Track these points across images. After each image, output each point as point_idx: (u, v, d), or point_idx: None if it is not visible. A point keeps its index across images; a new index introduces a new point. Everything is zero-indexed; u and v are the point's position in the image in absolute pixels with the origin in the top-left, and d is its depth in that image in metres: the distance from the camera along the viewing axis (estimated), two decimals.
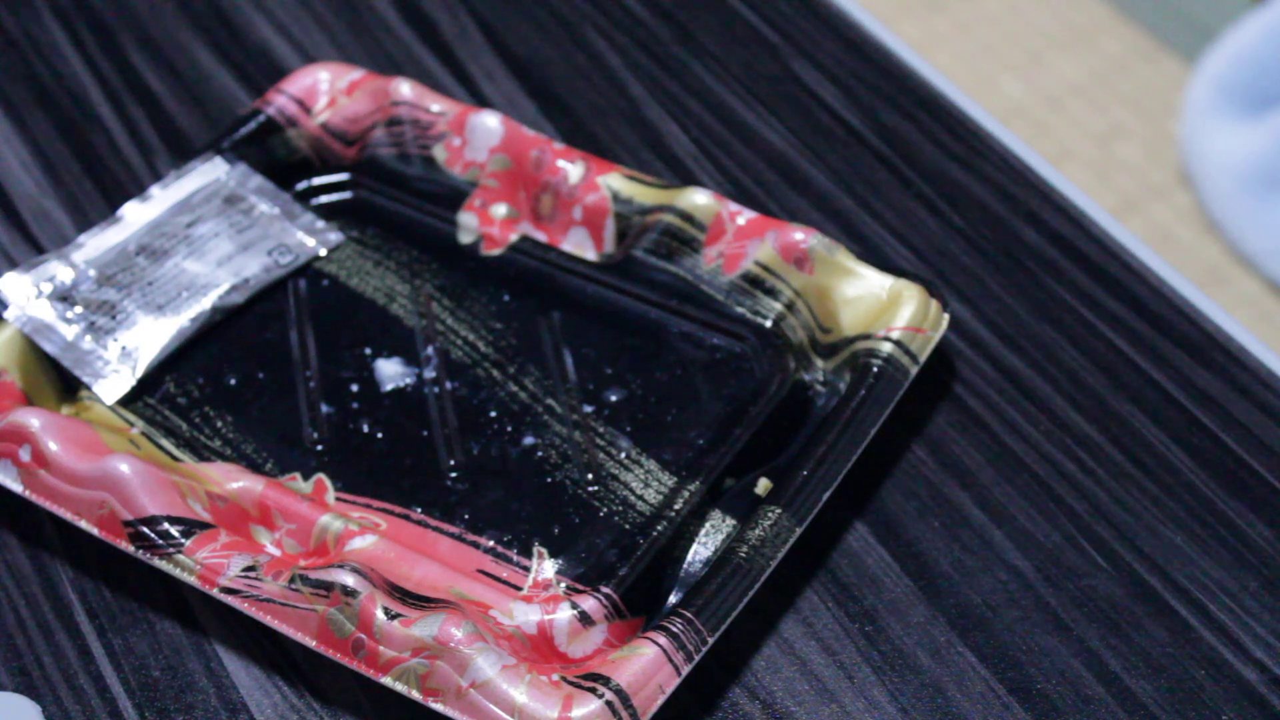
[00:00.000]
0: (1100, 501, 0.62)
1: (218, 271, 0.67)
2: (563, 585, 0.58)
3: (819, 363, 0.64)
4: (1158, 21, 1.75)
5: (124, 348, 0.65)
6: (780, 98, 0.78)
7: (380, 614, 0.54)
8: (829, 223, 0.72)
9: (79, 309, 0.65)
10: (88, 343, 0.65)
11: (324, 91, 0.72)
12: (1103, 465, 0.64)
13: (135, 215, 0.68)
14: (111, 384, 0.64)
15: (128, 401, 0.64)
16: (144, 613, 0.60)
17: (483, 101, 0.78)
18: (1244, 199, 1.54)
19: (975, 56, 1.74)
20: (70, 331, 0.64)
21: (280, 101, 0.71)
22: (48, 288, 0.65)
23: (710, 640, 0.55)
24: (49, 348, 0.64)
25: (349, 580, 0.55)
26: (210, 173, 0.70)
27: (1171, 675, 0.58)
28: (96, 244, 0.67)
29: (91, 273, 0.66)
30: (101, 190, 0.74)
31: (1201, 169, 1.58)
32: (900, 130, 0.76)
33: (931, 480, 0.63)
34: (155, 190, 0.69)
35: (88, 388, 0.64)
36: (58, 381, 0.64)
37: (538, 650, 0.56)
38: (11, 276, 0.65)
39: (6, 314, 0.64)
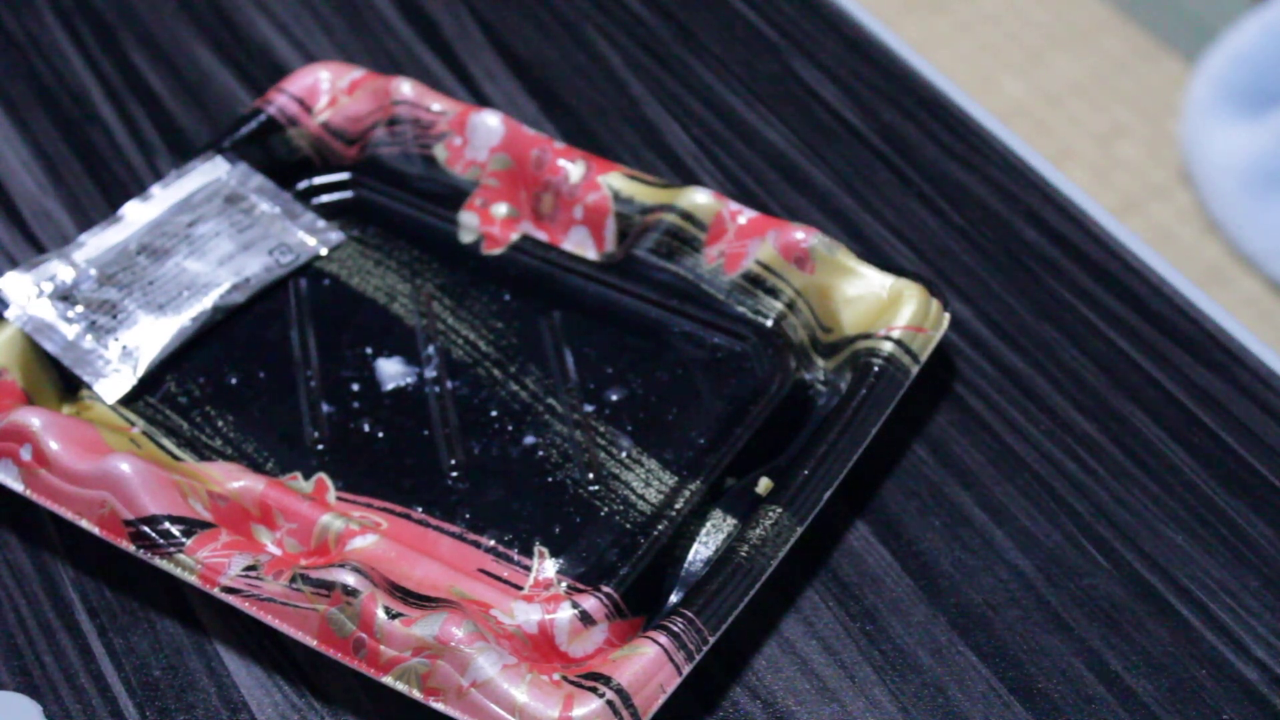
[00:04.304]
0: (1101, 501, 0.62)
1: (219, 271, 0.67)
2: (564, 585, 0.58)
3: (820, 362, 0.64)
4: (1158, 21, 1.75)
5: (125, 347, 0.65)
6: (781, 97, 0.78)
7: (381, 613, 0.54)
8: (830, 222, 0.72)
9: (80, 308, 0.65)
10: (88, 342, 0.65)
11: (325, 91, 0.72)
12: (1104, 465, 0.64)
13: (136, 214, 0.68)
14: (112, 383, 0.64)
15: (128, 401, 0.64)
16: (145, 612, 0.60)
17: (483, 101, 0.78)
18: (1244, 199, 1.54)
19: (975, 56, 1.74)
20: (71, 331, 0.64)
21: (281, 101, 0.71)
22: (48, 287, 0.65)
23: (711, 639, 0.55)
24: (50, 347, 0.64)
25: (350, 579, 0.55)
26: (211, 172, 0.70)
27: (1172, 675, 0.58)
28: (97, 243, 0.67)
29: (92, 272, 0.66)
30: (102, 189, 0.74)
31: (1202, 168, 1.58)
32: (901, 129, 0.77)
33: (932, 480, 0.63)
34: (156, 189, 0.69)
35: (88, 387, 0.64)
36: (58, 381, 0.64)
37: (538, 650, 0.56)
38: (12, 276, 0.65)
39: (7, 313, 0.64)
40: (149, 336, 0.65)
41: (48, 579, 0.61)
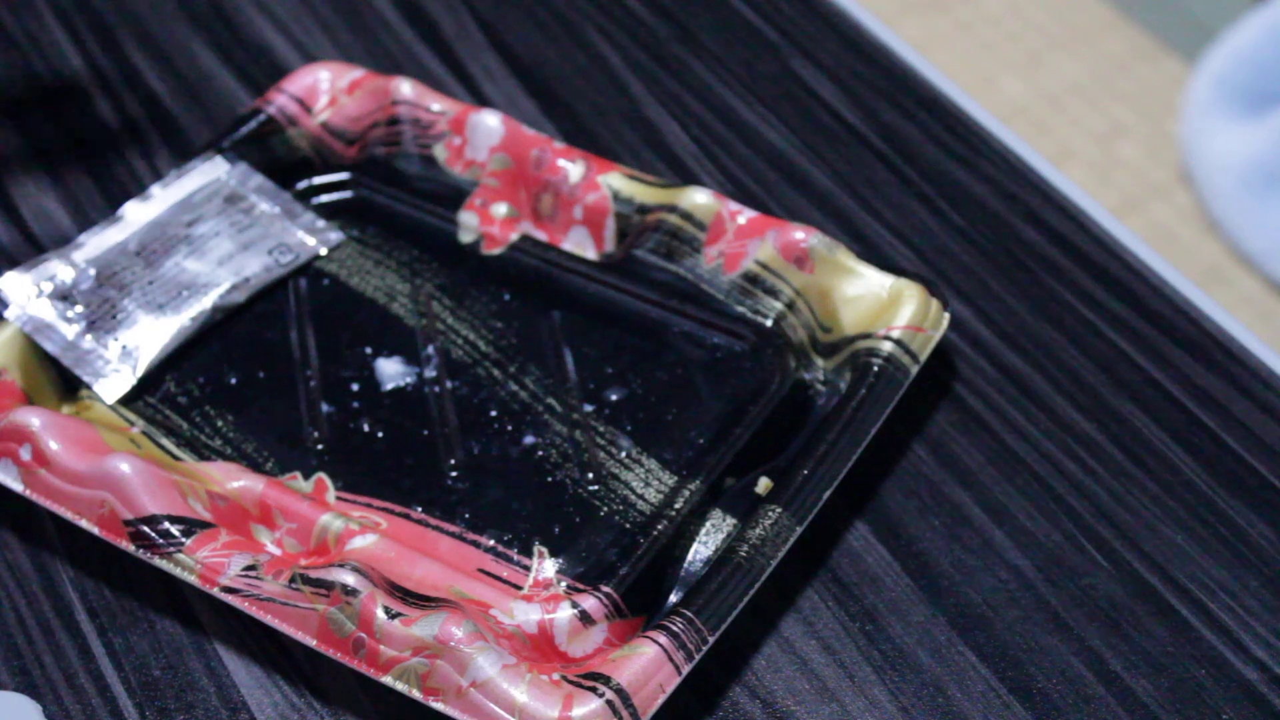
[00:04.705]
0: (1101, 501, 0.62)
1: (218, 270, 0.67)
2: (563, 584, 0.58)
3: (819, 362, 0.64)
4: (1158, 21, 1.75)
5: (124, 347, 0.65)
6: (780, 97, 0.78)
7: (381, 613, 0.54)
8: (829, 222, 0.72)
9: (79, 308, 0.65)
10: (88, 342, 0.65)
11: (324, 91, 0.72)
12: (1103, 464, 0.64)
13: (136, 214, 0.68)
14: (112, 383, 0.64)
15: (128, 401, 0.64)
16: (144, 612, 0.60)
17: (483, 101, 0.78)
18: (1244, 198, 1.54)
19: (975, 56, 1.74)
20: (71, 330, 0.64)
21: (281, 101, 0.71)
22: (48, 287, 0.65)
23: (711, 639, 0.55)
24: (49, 347, 0.64)
25: (349, 579, 0.55)
26: (211, 172, 0.70)
27: (1172, 674, 0.58)
28: (97, 243, 0.67)
29: (92, 272, 0.66)
30: (102, 189, 0.74)
31: (1202, 168, 1.58)
32: (900, 129, 0.76)
33: (932, 479, 0.63)
34: (156, 189, 0.69)
35: (88, 387, 0.64)
36: (58, 381, 0.64)
37: (538, 649, 0.56)
38: (12, 275, 0.65)
39: (7, 313, 0.64)
40: (149, 336, 0.65)
41: (48, 579, 0.61)
